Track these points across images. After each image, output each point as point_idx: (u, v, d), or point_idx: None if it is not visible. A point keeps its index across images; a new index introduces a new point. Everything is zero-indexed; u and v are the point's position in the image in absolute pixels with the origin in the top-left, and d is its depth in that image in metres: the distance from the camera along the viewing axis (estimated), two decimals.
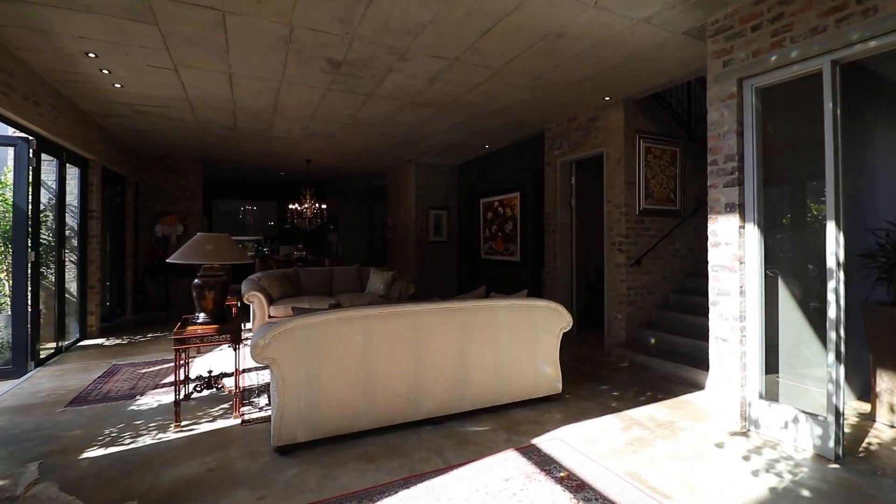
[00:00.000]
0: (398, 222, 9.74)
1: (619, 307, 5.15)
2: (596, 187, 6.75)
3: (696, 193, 5.68)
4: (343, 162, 9.06)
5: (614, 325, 5.21)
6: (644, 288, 5.25)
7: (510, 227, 7.38)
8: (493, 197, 7.86)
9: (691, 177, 5.65)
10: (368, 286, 6.86)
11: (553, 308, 3.61)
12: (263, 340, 2.61)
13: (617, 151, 5.17)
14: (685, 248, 5.60)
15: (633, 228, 5.15)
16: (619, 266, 5.14)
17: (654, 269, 5.33)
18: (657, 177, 5.31)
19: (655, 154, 5.30)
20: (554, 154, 6.17)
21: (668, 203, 5.40)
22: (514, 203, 7.27)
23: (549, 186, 6.26)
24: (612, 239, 5.25)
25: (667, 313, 5.19)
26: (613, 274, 5.22)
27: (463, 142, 7.31)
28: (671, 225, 5.44)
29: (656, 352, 4.72)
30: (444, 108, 5.49)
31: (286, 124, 6.22)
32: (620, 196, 5.13)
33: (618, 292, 5.16)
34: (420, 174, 8.95)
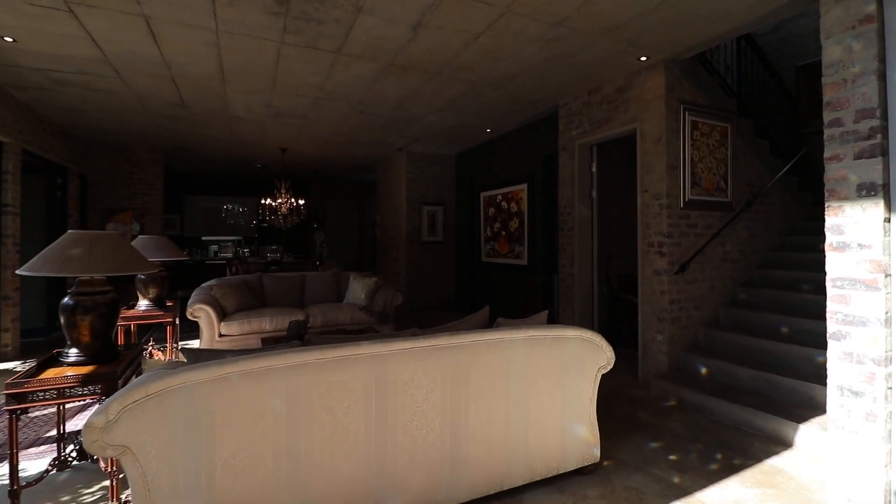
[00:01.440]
0: (388, 220, 8.63)
1: (658, 326, 4.04)
2: (621, 175, 5.64)
3: (748, 182, 4.57)
4: (324, 151, 7.95)
5: (652, 349, 4.09)
6: (690, 301, 4.13)
7: (516, 225, 6.27)
8: (495, 190, 6.74)
9: (743, 161, 4.53)
10: (347, 295, 5.74)
11: (587, 340, 2.51)
12: (105, 417, 1.49)
13: (656, 127, 4.06)
14: (736, 250, 4.48)
15: (676, 225, 4.03)
16: (660, 273, 4.02)
17: (702, 277, 4.22)
18: (705, 160, 4.19)
19: (703, 131, 4.18)
20: (571, 135, 5.05)
21: (717, 193, 4.28)
22: (521, 196, 6.15)
23: (563, 175, 5.14)
24: (649, 238, 4.13)
25: (718, 333, 4.07)
26: (651, 283, 4.10)
27: (460, 124, 6.20)
28: (721, 221, 4.32)
29: (711, 387, 3.60)
30: (434, 76, 4.37)
31: (243, 99, 5.10)
32: (661, 184, 4.01)
33: (657, 307, 4.05)
34: (412, 165, 7.83)
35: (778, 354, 3.62)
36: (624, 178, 5.63)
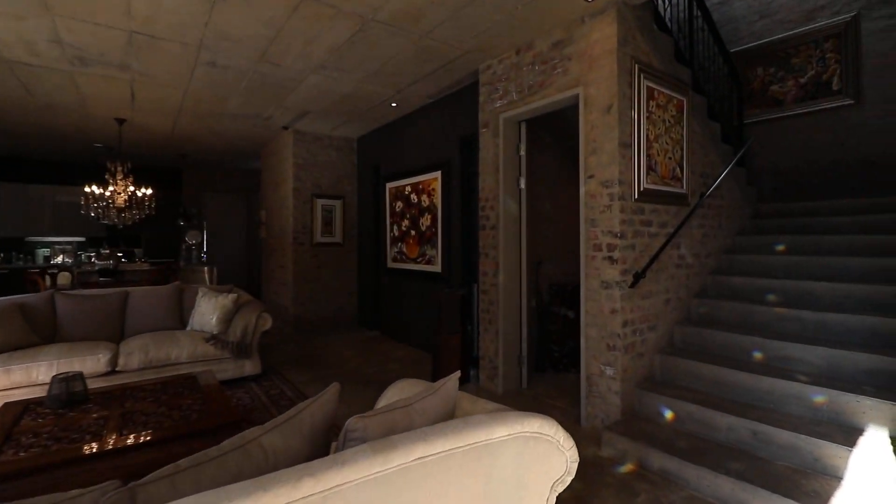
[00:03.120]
0: (273, 217, 6.99)
1: (608, 356, 3.03)
2: (551, 165, 4.66)
3: (701, 171, 3.78)
4: (183, 127, 6.13)
5: (600, 387, 3.08)
6: (644, 321, 3.19)
7: (427, 223, 5.05)
8: (403, 180, 5.47)
9: (697, 145, 3.73)
10: (193, 319, 4.14)
11: (534, 436, 1.30)
12: None
13: (605, 92, 3.05)
14: (690, 253, 3.65)
15: (629, 222, 3.06)
16: (610, 286, 3.02)
17: (657, 290, 3.30)
18: (661, 139, 3.28)
19: (659, 102, 3.27)
20: (494, 108, 3.94)
21: (673, 182, 3.40)
22: (434, 187, 4.95)
23: (485, 159, 4.02)
24: (595, 240, 3.12)
25: (677, 362, 3.17)
26: (598, 298, 3.09)
27: (355, 93, 4.84)
28: (676, 217, 3.45)
29: (682, 443, 2.65)
30: (301, 2, 2.99)
31: (14, 28, 3.30)
32: (611, 167, 3.01)
33: (607, 330, 3.04)
34: (301, 149, 6.29)
35: (759, 393, 2.76)
36: (555, 168, 4.66)
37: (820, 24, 4.88)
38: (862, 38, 4.62)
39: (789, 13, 5.12)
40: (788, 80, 5.15)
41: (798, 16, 5.06)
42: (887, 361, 2.54)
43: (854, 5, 4.66)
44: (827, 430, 2.41)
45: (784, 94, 5.19)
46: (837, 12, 4.77)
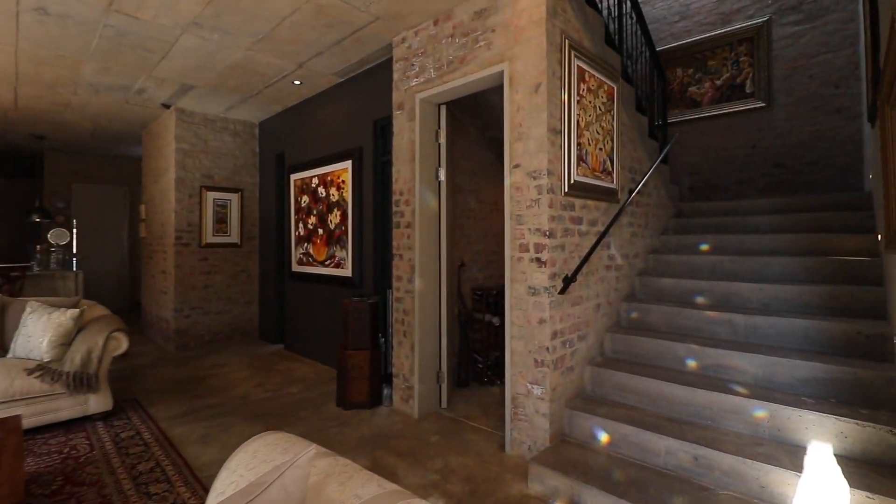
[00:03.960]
0: (154, 213, 5.90)
1: (536, 372, 2.62)
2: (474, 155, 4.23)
3: (630, 165, 3.53)
4: (30, 99, 4.91)
5: (526, 408, 2.66)
6: (575, 330, 2.83)
7: (336, 220, 4.40)
8: (310, 171, 4.76)
9: (626, 137, 3.48)
10: (16, 343, 3.17)
11: None
12: None
13: (533, 69, 2.64)
14: (619, 253, 3.38)
15: (559, 219, 2.67)
16: (538, 292, 2.60)
17: (587, 295, 2.96)
18: (592, 127, 2.95)
19: (591, 86, 2.93)
20: (409, 86, 3.41)
21: (604, 176, 3.09)
22: (344, 179, 4.31)
23: (399, 146, 3.48)
24: (521, 239, 2.69)
25: (609, 374, 2.85)
26: (525, 306, 2.67)
27: (247, 64, 4.08)
28: (606, 214, 3.15)
29: (620, 473, 2.30)
30: None
31: None
32: (540, 156, 2.60)
33: (534, 343, 2.63)
34: (187, 131, 5.32)
35: (697, 407, 2.49)
36: (480, 159, 4.24)
37: (735, 27, 4.94)
38: (773, 42, 4.71)
39: (707, 15, 5.16)
40: (705, 82, 5.19)
41: (715, 18, 5.10)
42: (823, 369, 2.36)
43: (766, 11, 4.75)
44: (770, 450, 2.16)
45: (701, 96, 5.22)
46: (751, 16, 4.85)
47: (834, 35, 4.37)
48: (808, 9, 4.51)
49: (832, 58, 4.39)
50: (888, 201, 2.03)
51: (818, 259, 3.06)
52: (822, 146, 4.47)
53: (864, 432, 2.04)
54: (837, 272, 2.97)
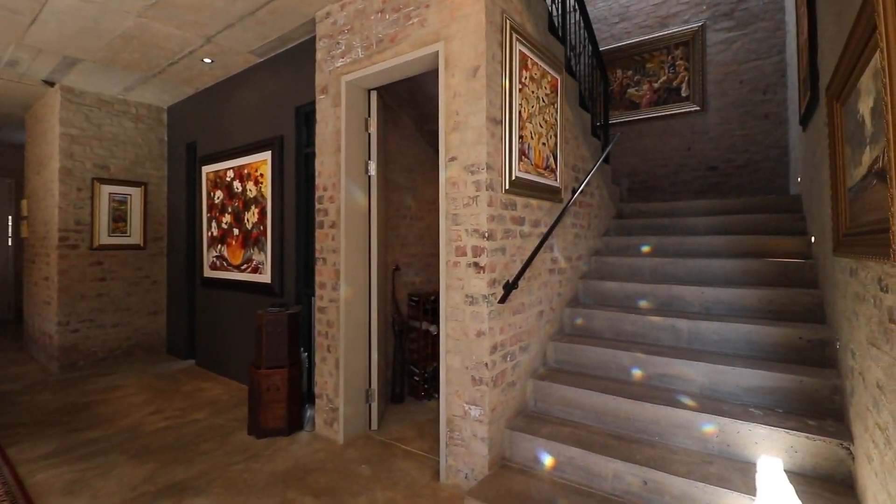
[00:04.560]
0: (37, 209, 5.02)
1: (474, 391, 2.32)
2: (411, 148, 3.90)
3: (573, 163, 3.36)
4: None
5: (463, 432, 2.36)
6: (516, 341, 2.57)
7: (254, 219, 3.88)
8: (224, 163, 4.20)
9: (569, 133, 3.29)
10: None
11: None
12: None
13: (471, 50, 2.35)
14: (563, 256, 3.19)
15: (499, 219, 2.40)
16: (476, 301, 2.31)
17: (529, 301, 2.72)
18: (535, 119, 2.71)
19: (533, 75, 2.69)
20: (335, 68, 3.01)
21: (547, 174, 2.87)
22: (262, 172, 3.81)
23: (323, 136, 3.07)
24: (458, 241, 2.39)
25: (552, 388, 2.62)
26: (462, 317, 2.37)
27: (142, 34, 3.48)
28: (549, 215, 2.94)
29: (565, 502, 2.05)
30: None
31: None
32: (478, 148, 2.31)
33: (472, 358, 2.33)
34: (75, 114, 4.55)
35: (644, 423, 2.31)
36: (417, 154, 3.91)
37: (672, 31, 4.98)
38: (707, 48, 4.78)
39: (645, 18, 5.17)
40: (644, 84, 5.20)
41: (653, 21, 5.11)
42: (768, 377, 2.26)
43: (701, 16, 4.81)
44: (721, 469, 2.00)
45: (640, 98, 5.23)
46: (687, 21, 4.89)
47: (763, 42, 4.49)
48: (739, 16, 4.61)
49: (761, 64, 4.50)
50: (836, 203, 1.93)
51: (756, 261, 3.03)
52: (752, 150, 4.58)
53: (815, 446, 1.92)
54: (775, 274, 2.95)
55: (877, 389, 1.50)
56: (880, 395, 1.46)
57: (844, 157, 1.84)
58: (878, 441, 1.49)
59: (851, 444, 1.85)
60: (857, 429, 1.77)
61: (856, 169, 1.68)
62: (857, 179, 1.67)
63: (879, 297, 1.47)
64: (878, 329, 1.49)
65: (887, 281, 1.39)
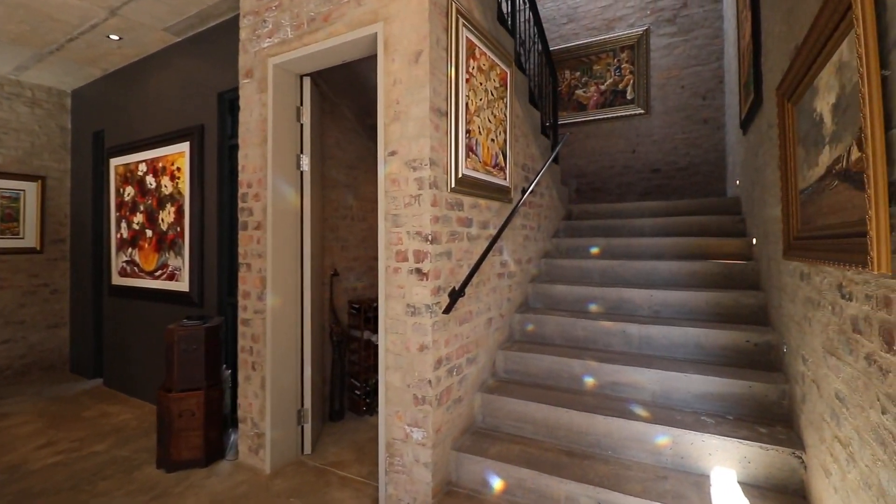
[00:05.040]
0: None
1: (416, 412, 2.09)
2: (360, 140, 3.62)
3: (522, 163, 3.22)
4: None
5: (404, 457, 2.11)
6: (463, 352, 2.36)
7: (171, 219, 3.44)
8: (136, 154, 3.70)
9: (519, 131, 3.15)
10: None
11: None
12: None
13: (412, 32, 2.12)
14: (513, 259, 3.04)
15: (445, 220, 2.18)
16: (418, 312, 2.08)
17: (478, 309, 2.53)
18: (483, 114, 2.52)
19: (482, 65, 2.50)
20: (260, 49, 2.67)
21: (496, 172, 2.69)
22: (179, 166, 3.37)
23: (247, 125, 2.72)
24: (398, 244, 2.15)
25: (502, 402, 2.44)
26: (403, 329, 2.13)
27: (31, 3, 2.96)
28: (498, 216, 2.76)
29: None
30: None
31: None
32: (421, 141, 2.08)
33: (414, 374, 2.09)
34: None
35: (597, 436, 2.19)
36: (359, 149, 3.63)
37: (618, 34, 5.00)
38: (651, 52, 4.83)
39: (592, 20, 5.17)
40: (591, 86, 5.20)
41: (600, 24, 5.12)
42: (719, 383, 2.21)
43: (645, 21, 4.86)
44: (676, 484, 1.90)
45: (587, 100, 5.22)
46: (632, 25, 4.93)
47: (703, 49, 4.59)
48: (681, 23, 4.69)
49: (701, 70, 4.61)
50: (786, 205, 1.87)
51: (701, 262, 3.02)
52: (692, 153, 4.68)
53: (768, 456, 1.86)
54: (719, 276, 2.95)
55: (836, 401, 1.43)
56: (841, 407, 1.38)
57: (796, 158, 1.78)
58: (838, 456, 1.41)
59: (804, 452, 1.80)
60: (811, 437, 1.72)
61: (810, 170, 1.61)
62: (811, 181, 1.61)
63: (840, 305, 1.40)
64: (837, 337, 1.41)
65: (850, 288, 1.31)
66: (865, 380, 1.20)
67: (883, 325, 1.09)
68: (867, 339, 1.19)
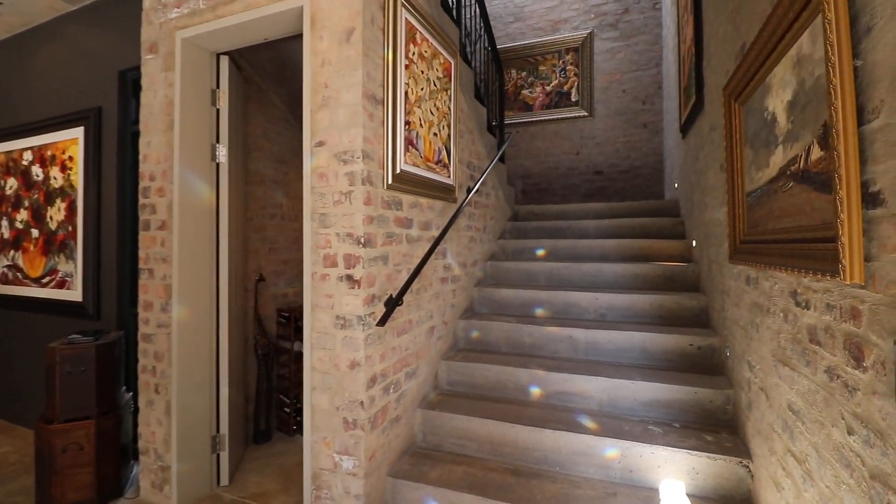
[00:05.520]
0: None
1: (346, 438, 1.84)
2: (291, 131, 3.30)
3: (467, 160, 3.05)
4: None
5: (333, 489, 1.86)
6: (401, 366, 2.15)
7: (61, 216, 2.94)
8: (17, 141, 3.14)
9: (464, 127, 2.98)
10: None
11: None
12: None
13: (343, 8, 1.87)
14: (457, 262, 2.86)
15: (380, 221, 1.95)
16: (349, 325, 1.83)
17: (418, 317, 2.32)
18: (425, 105, 2.31)
19: (423, 52, 2.29)
20: (166, 20, 2.30)
21: (439, 169, 2.50)
22: (71, 155, 2.88)
23: (150, 108, 2.34)
24: (327, 248, 1.89)
25: (444, 419, 2.25)
26: (332, 346, 1.87)
27: None
28: (441, 216, 2.58)
29: None
30: None
31: None
32: (353, 132, 1.84)
33: (344, 396, 1.85)
34: None
35: (545, 451, 2.06)
36: (290, 141, 3.32)
37: (563, 36, 4.99)
38: (595, 55, 4.86)
39: (538, 20, 5.13)
40: (537, 87, 5.16)
41: (546, 24, 5.09)
42: (665, 390, 2.15)
43: (589, 24, 4.88)
44: (626, 501, 1.80)
45: (533, 100, 5.18)
46: (577, 27, 4.94)
47: (643, 55, 4.67)
48: (623, 28, 4.75)
49: (641, 75, 4.69)
50: (732, 208, 1.83)
51: (644, 265, 3.01)
52: (633, 156, 4.76)
53: (715, 466, 1.81)
54: (661, 278, 2.95)
55: (790, 413, 1.36)
56: (795, 420, 1.31)
57: (743, 159, 1.74)
58: (792, 472, 1.34)
59: (751, 461, 1.75)
60: (759, 447, 1.67)
61: (759, 172, 1.55)
62: (760, 183, 1.55)
63: (794, 313, 1.33)
64: (791, 347, 1.35)
65: (807, 296, 1.24)
66: (826, 395, 1.12)
67: (849, 339, 1.00)
68: (828, 351, 1.11)
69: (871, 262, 0.90)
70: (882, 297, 0.87)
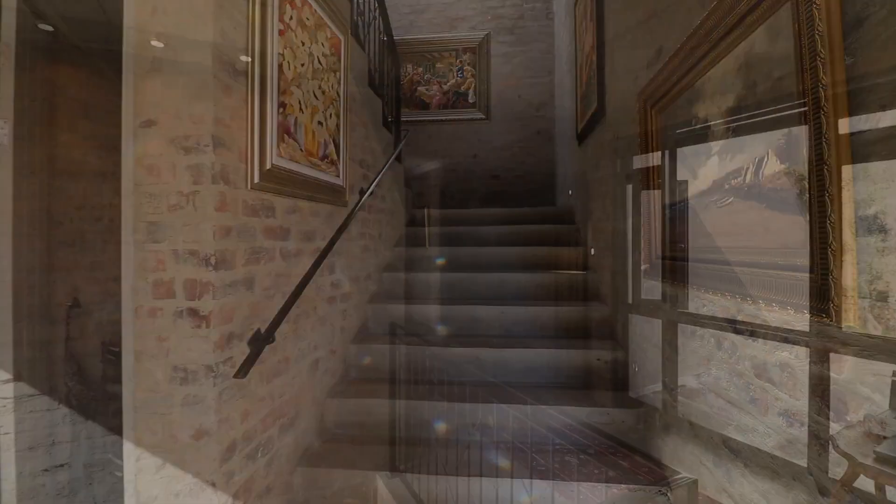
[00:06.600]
0: None
1: None
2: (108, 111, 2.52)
3: (360, 158, 2.64)
4: None
5: None
6: (274, 419, 1.67)
7: None
8: None
9: (357, 120, 2.56)
10: None
11: None
12: None
13: None
14: (348, 277, 2.44)
15: (242, 232, 1.46)
16: (191, 378, 1.31)
17: (297, 352, 1.86)
18: (307, 83, 1.85)
19: (305, 21, 1.83)
20: None
21: (326, 166, 2.05)
22: None
23: None
24: (158, 272, 1.34)
25: (331, 476, 1.83)
26: (166, 410, 1.33)
27: None
28: (328, 223, 2.13)
29: None
30: None
31: None
32: (201, 110, 1.32)
33: (185, 481, 1.32)
34: None
35: None
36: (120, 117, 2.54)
37: (460, 34, 4.81)
38: (492, 58, 4.76)
39: (436, 16, 4.88)
40: (434, 85, 4.91)
41: (443, 20, 4.86)
42: (578, 413, 2.03)
43: (486, 25, 4.77)
44: None
45: (430, 98, 4.93)
46: (474, 28, 4.79)
47: (538, 62, 4.69)
48: (519, 33, 4.72)
49: (536, 83, 4.70)
50: (648, 220, 1.71)
51: (546, 274, 2.93)
52: (528, 162, 4.76)
53: (635, 498, 1.67)
54: (564, 287, 2.88)
55: (726, 450, 1.23)
56: (735, 460, 1.18)
57: (661, 170, 1.62)
58: None
59: (669, 490, 1.65)
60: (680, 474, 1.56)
61: (685, 184, 1.44)
62: (686, 196, 1.42)
63: (731, 341, 1.19)
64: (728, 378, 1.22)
65: (752, 327, 1.10)
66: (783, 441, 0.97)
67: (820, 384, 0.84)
68: (787, 393, 0.96)
69: (867, 299, 0.74)
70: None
